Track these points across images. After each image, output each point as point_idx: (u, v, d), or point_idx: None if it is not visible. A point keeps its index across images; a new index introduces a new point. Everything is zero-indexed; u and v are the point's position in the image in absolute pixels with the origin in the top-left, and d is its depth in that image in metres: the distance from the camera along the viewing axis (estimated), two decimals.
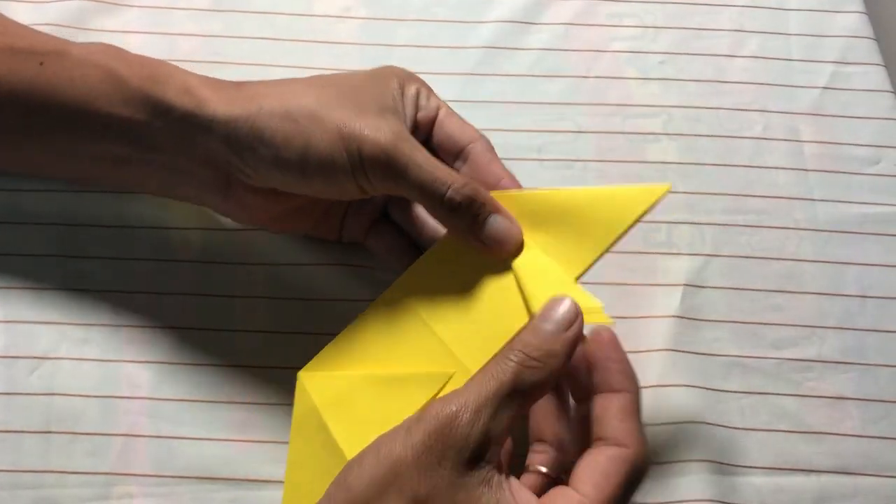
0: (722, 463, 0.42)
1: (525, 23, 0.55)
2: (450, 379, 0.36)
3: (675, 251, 0.48)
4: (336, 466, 0.34)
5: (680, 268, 0.47)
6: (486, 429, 0.31)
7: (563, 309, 0.34)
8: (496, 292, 0.36)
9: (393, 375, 0.36)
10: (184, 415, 0.42)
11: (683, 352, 0.45)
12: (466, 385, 0.32)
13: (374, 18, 0.55)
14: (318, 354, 0.39)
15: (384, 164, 0.36)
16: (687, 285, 0.46)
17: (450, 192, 0.36)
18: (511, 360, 0.32)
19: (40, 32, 0.43)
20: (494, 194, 0.37)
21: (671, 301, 0.46)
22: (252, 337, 0.44)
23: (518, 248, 0.37)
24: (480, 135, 0.40)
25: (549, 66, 0.53)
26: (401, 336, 0.38)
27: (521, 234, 0.37)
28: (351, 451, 0.34)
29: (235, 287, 0.45)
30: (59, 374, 0.43)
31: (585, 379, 0.35)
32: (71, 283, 0.45)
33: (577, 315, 0.34)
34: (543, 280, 0.36)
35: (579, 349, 0.34)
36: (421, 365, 0.37)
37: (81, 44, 0.41)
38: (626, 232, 0.36)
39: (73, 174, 0.45)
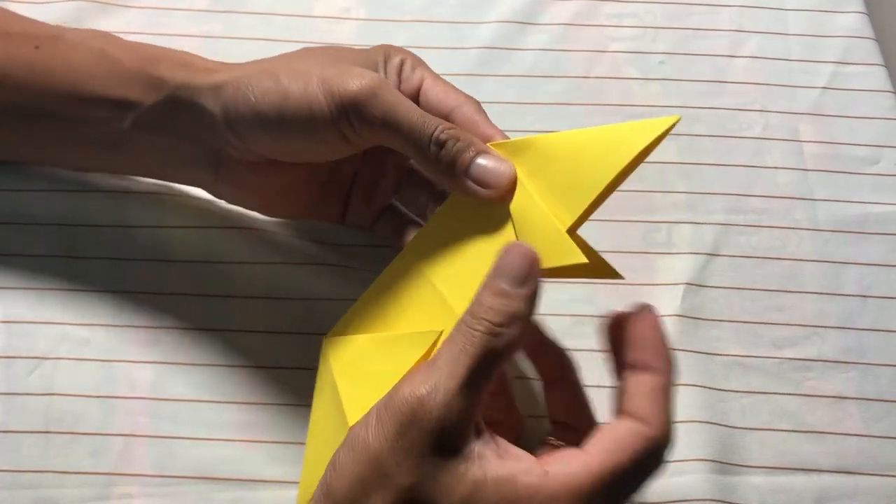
0: (722, 462, 0.42)
1: (525, 23, 0.55)
2: (440, 336, 0.35)
3: (675, 251, 0.48)
4: (341, 428, 0.34)
5: (680, 267, 0.47)
6: (460, 407, 0.30)
7: (516, 261, 0.32)
8: (495, 249, 0.34)
9: (389, 336, 0.36)
10: (184, 415, 0.42)
11: (684, 351, 0.45)
12: (434, 362, 0.31)
13: (374, 19, 0.55)
14: (341, 319, 0.39)
15: (370, 104, 0.35)
16: (687, 284, 0.46)
17: (437, 132, 0.35)
18: (477, 329, 0.31)
19: (34, 20, 0.43)
20: (490, 144, 0.36)
21: (672, 300, 0.46)
22: (252, 337, 0.44)
23: (512, 188, 0.35)
24: (468, 97, 0.38)
25: (549, 66, 0.53)
26: (409, 297, 0.37)
27: (513, 171, 0.35)
28: (350, 413, 0.34)
29: (235, 287, 0.45)
30: (59, 375, 0.43)
31: (619, 355, 0.33)
32: (71, 283, 0.45)
33: (531, 264, 0.32)
34: (538, 233, 0.34)
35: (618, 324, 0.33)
36: (423, 324, 0.36)
37: (76, 29, 0.42)
38: (629, 169, 0.33)
39: (69, 160, 0.45)
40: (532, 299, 0.32)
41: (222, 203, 0.45)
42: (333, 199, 0.44)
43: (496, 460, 0.30)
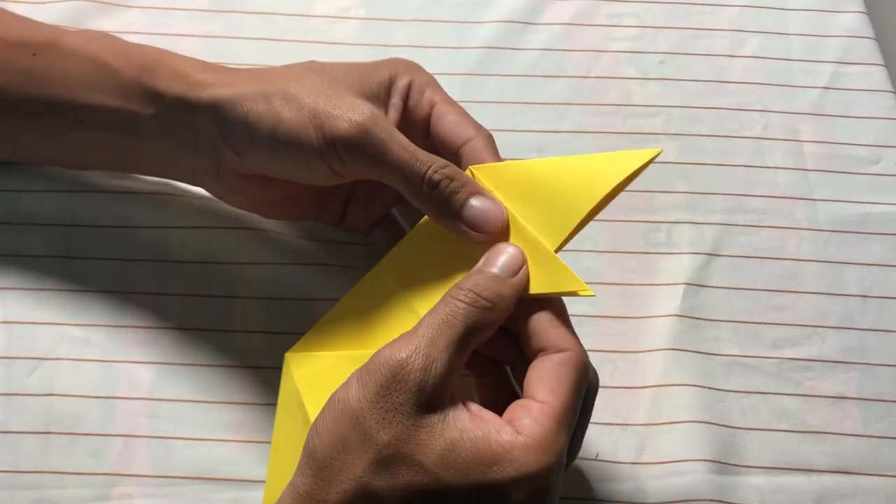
0: (722, 462, 0.42)
1: (525, 23, 0.55)
2: None
3: (675, 251, 0.48)
4: None
5: (680, 267, 0.47)
6: (439, 372, 0.31)
7: (509, 256, 0.34)
8: None
9: (362, 355, 0.36)
10: (184, 415, 0.42)
11: (684, 351, 0.45)
12: (415, 330, 0.32)
13: (373, 19, 0.55)
14: (306, 335, 0.39)
15: (360, 143, 0.35)
16: (687, 284, 0.46)
17: (429, 172, 0.35)
18: (462, 301, 0.32)
19: (33, 21, 0.43)
20: (475, 167, 0.37)
21: (672, 300, 0.46)
22: (252, 337, 0.44)
23: (504, 232, 0.36)
24: (479, 130, 0.38)
25: (549, 66, 0.53)
26: (383, 315, 0.37)
27: (506, 216, 0.36)
28: None
29: (235, 287, 0.45)
30: (59, 375, 0.43)
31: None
32: (71, 283, 0.45)
33: (522, 262, 0.34)
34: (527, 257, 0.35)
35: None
36: None
37: (75, 32, 0.42)
38: (610, 197, 0.34)
39: (69, 161, 0.45)
40: (518, 290, 0.34)
41: (222, 203, 0.45)
42: (331, 205, 0.44)
43: (470, 422, 0.31)
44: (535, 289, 0.34)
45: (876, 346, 0.46)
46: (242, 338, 0.44)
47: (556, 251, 0.35)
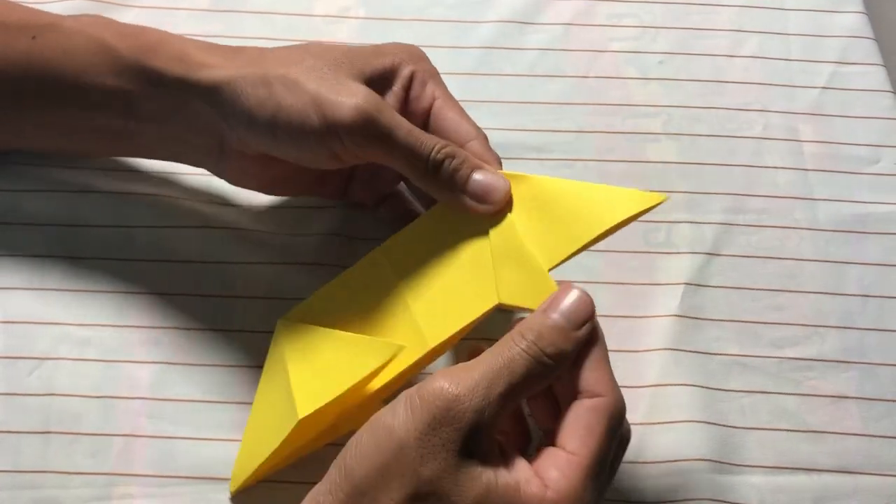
0: (722, 462, 0.42)
1: (525, 23, 0.55)
2: (399, 352, 0.36)
3: (675, 251, 0.48)
4: (287, 413, 0.35)
5: (680, 267, 0.47)
6: (492, 415, 0.31)
7: (580, 306, 0.33)
8: (471, 272, 0.36)
9: (349, 336, 0.37)
10: (184, 415, 0.42)
11: (684, 351, 0.45)
12: (474, 367, 0.31)
13: (373, 19, 0.55)
14: (300, 305, 0.40)
15: (364, 128, 0.35)
16: (687, 284, 0.46)
17: (433, 153, 0.36)
18: (528, 353, 0.32)
19: (34, 8, 0.43)
20: None
21: (671, 300, 0.46)
22: (252, 337, 0.44)
23: (508, 202, 0.36)
24: (477, 132, 0.39)
25: (549, 66, 0.53)
26: (376, 302, 0.38)
27: (508, 185, 0.36)
28: (300, 401, 0.35)
29: (235, 287, 0.45)
30: (59, 375, 0.43)
31: None
32: (71, 283, 0.45)
33: (591, 313, 0.33)
34: (517, 268, 0.36)
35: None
36: (385, 331, 0.37)
37: (74, 16, 0.42)
38: (611, 231, 0.35)
39: (70, 147, 0.45)
40: (580, 345, 0.33)
41: (222, 203, 0.45)
42: (333, 181, 0.45)
43: (504, 469, 0.31)
44: (509, 299, 0.36)
45: (876, 345, 0.46)
46: (242, 338, 0.44)
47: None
